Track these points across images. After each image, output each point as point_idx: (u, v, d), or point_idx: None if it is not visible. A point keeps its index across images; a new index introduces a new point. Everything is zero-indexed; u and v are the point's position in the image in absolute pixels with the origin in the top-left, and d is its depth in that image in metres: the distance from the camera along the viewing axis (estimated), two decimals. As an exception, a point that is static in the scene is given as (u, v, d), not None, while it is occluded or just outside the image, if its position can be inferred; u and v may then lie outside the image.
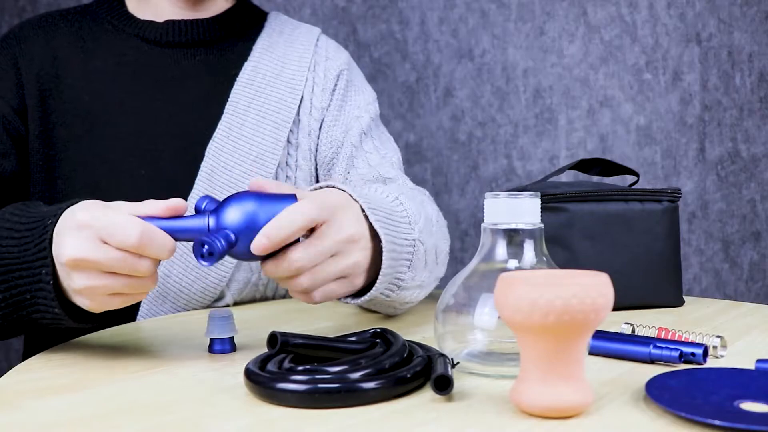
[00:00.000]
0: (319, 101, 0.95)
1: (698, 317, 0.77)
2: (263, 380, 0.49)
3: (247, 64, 0.94)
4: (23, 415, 0.47)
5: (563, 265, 0.80)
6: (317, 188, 0.70)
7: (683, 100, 1.45)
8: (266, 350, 0.57)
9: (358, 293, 0.69)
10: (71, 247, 0.56)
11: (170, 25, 0.94)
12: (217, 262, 0.57)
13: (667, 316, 0.78)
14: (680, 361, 0.55)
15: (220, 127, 0.90)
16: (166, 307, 0.87)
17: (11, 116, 0.89)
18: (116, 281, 0.57)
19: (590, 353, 0.60)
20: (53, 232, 0.59)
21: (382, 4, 1.65)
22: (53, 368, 0.59)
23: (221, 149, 0.89)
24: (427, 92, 1.63)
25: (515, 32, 1.56)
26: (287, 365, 0.51)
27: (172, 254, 0.58)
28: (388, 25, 1.65)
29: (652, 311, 0.81)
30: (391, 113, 1.66)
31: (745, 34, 1.41)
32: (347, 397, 0.47)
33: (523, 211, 0.55)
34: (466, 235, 1.63)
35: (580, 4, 1.51)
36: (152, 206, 0.59)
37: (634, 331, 0.66)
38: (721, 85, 1.43)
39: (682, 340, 0.60)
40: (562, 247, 0.81)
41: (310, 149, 0.94)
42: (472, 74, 1.59)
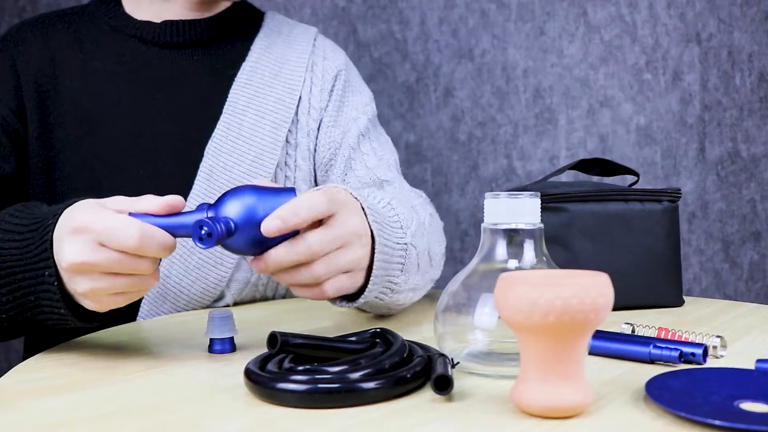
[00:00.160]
0: (317, 101, 0.95)
1: (698, 317, 0.77)
2: (263, 380, 0.49)
3: (245, 64, 0.94)
4: (23, 415, 0.47)
5: (563, 265, 0.80)
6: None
7: (683, 100, 1.45)
8: (266, 350, 0.57)
9: (352, 296, 0.69)
10: (70, 252, 0.56)
11: (168, 25, 0.93)
12: (215, 245, 0.57)
13: (667, 316, 0.78)
14: (680, 361, 0.55)
15: (218, 127, 0.90)
16: (166, 307, 0.87)
17: (10, 118, 0.89)
18: (118, 281, 0.57)
19: (590, 353, 0.60)
20: (53, 234, 0.59)
21: (382, 4, 1.65)
22: (53, 368, 0.59)
23: (220, 149, 0.89)
24: (427, 92, 1.63)
25: (515, 32, 1.56)
26: (287, 365, 0.51)
27: (172, 251, 0.58)
28: (388, 25, 1.65)
29: (652, 311, 0.81)
30: (391, 113, 1.66)
31: (745, 34, 1.41)
32: (347, 397, 0.47)
33: (523, 211, 0.55)
34: (466, 235, 1.62)
35: (580, 4, 1.51)
36: (150, 202, 0.58)
37: (634, 331, 0.66)
38: (721, 85, 1.43)
39: (682, 340, 0.60)
40: (562, 247, 0.81)
41: (309, 149, 0.94)
42: (472, 74, 1.59)
